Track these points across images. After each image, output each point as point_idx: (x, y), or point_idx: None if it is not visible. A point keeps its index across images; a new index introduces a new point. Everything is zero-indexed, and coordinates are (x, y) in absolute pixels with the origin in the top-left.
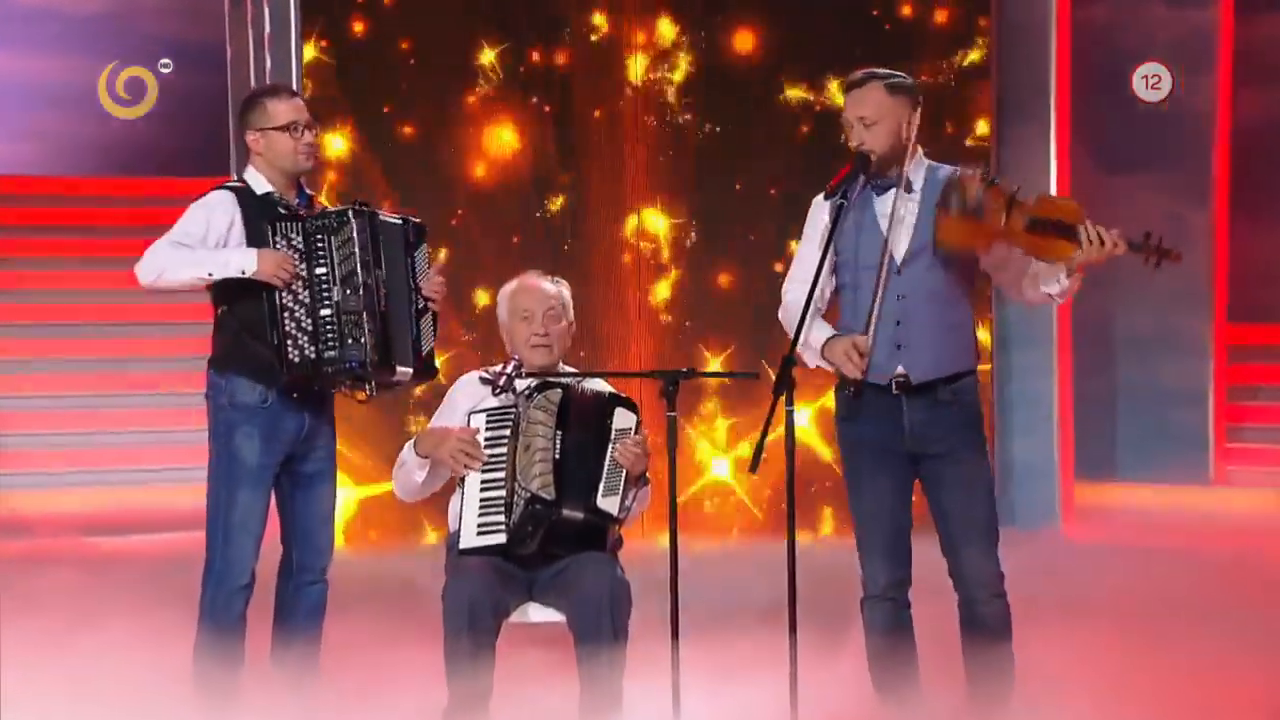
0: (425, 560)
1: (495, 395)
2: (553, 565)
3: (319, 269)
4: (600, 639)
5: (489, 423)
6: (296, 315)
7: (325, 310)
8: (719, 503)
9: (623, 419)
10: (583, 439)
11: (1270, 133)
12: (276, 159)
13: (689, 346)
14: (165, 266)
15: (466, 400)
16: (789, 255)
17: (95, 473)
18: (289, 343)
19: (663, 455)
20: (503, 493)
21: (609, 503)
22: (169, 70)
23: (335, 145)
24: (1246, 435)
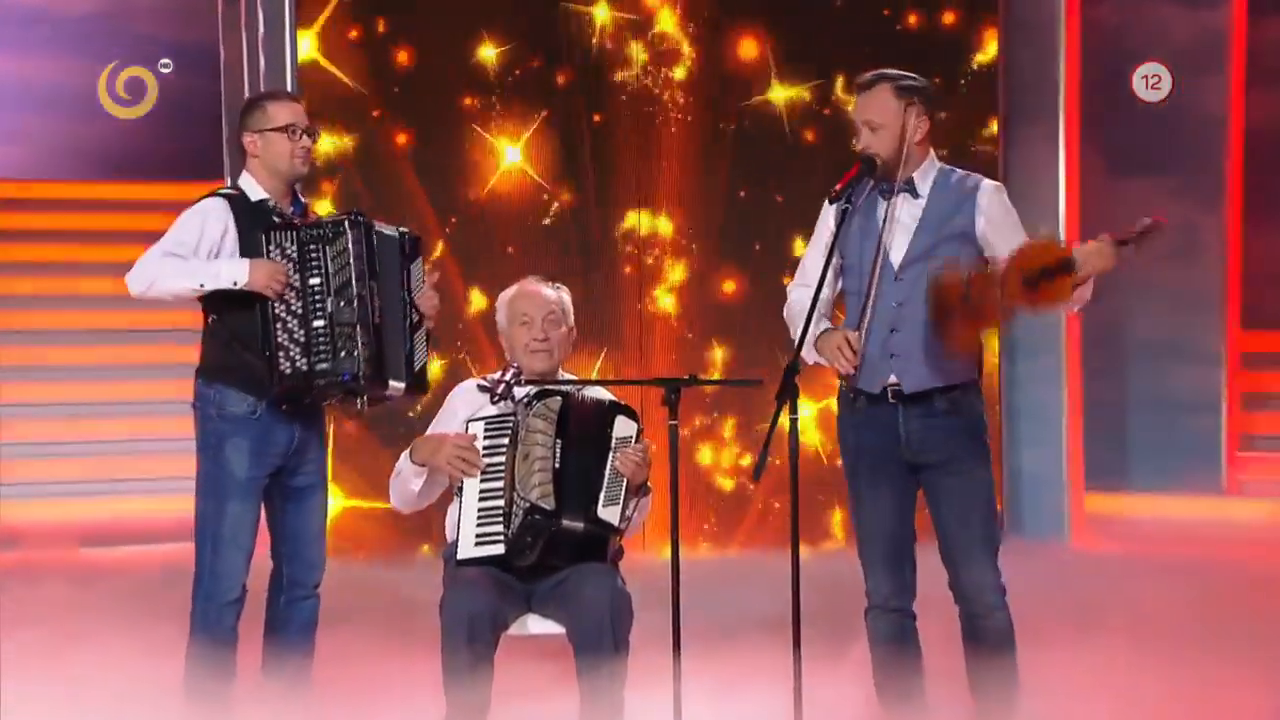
0: (420, 572)
1: (494, 403)
2: (552, 576)
3: (313, 279)
4: (601, 651)
5: (487, 431)
6: (289, 326)
7: (318, 321)
8: (722, 512)
9: (623, 427)
10: (583, 448)
11: None
12: (273, 161)
13: (693, 353)
14: (156, 277)
15: (464, 408)
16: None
17: (89, 482)
18: (281, 354)
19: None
20: (501, 502)
21: (609, 513)
22: (169, 70)
23: (330, 146)
24: (1260, 444)
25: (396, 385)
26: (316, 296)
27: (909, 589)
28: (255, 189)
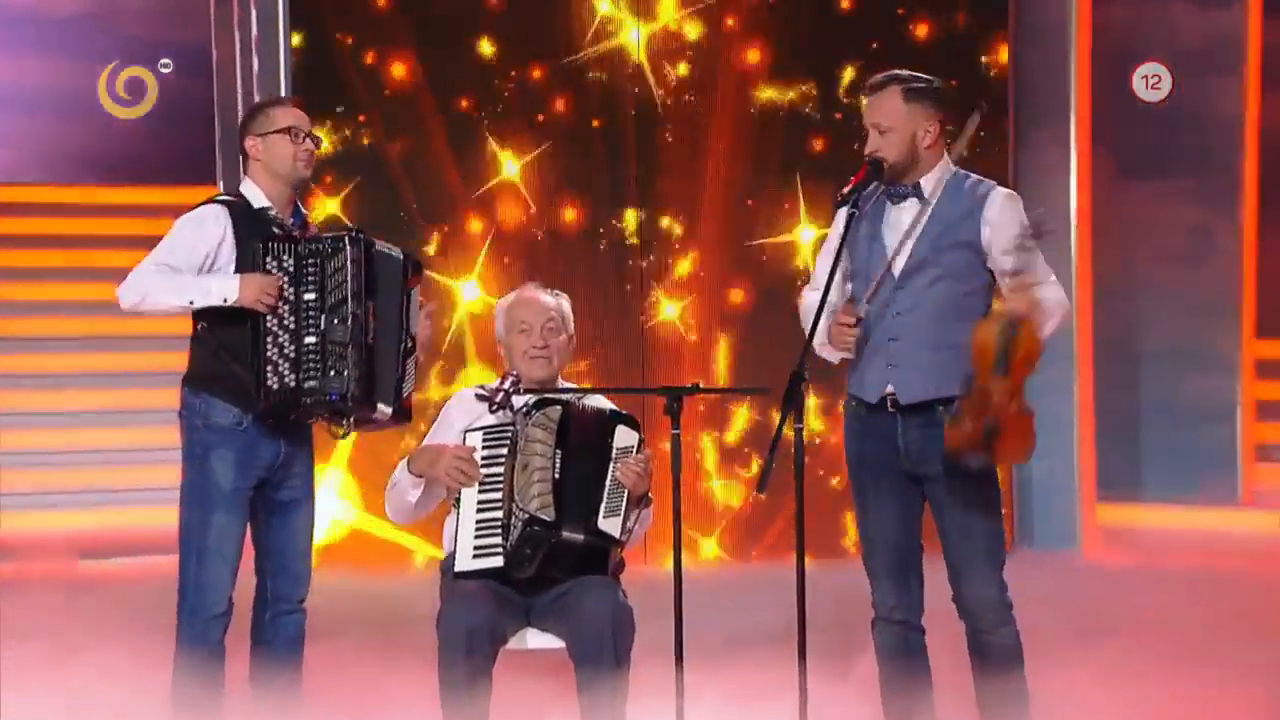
0: (413, 584)
1: (492, 412)
2: (552, 589)
3: (308, 294)
4: (602, 666)
5: (485, 441)
6: (280, 340)
7: (310, 338)
8: (726, 522)
9: (624, 437)
10: (583, 458)
11: None
12: (275, 164)
13: (697, 361)
14: (147, 292)
15: (462, 417)
16: (803, 269)
17: (86, 492)
18: (269, 368)
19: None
20: (500, 514)
21: (610, 524)
22: (169, 70)
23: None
24: (1276, 454)
25: (384, 409)
26: (310, 313)
27: (915, 602)
28: (257, 195)
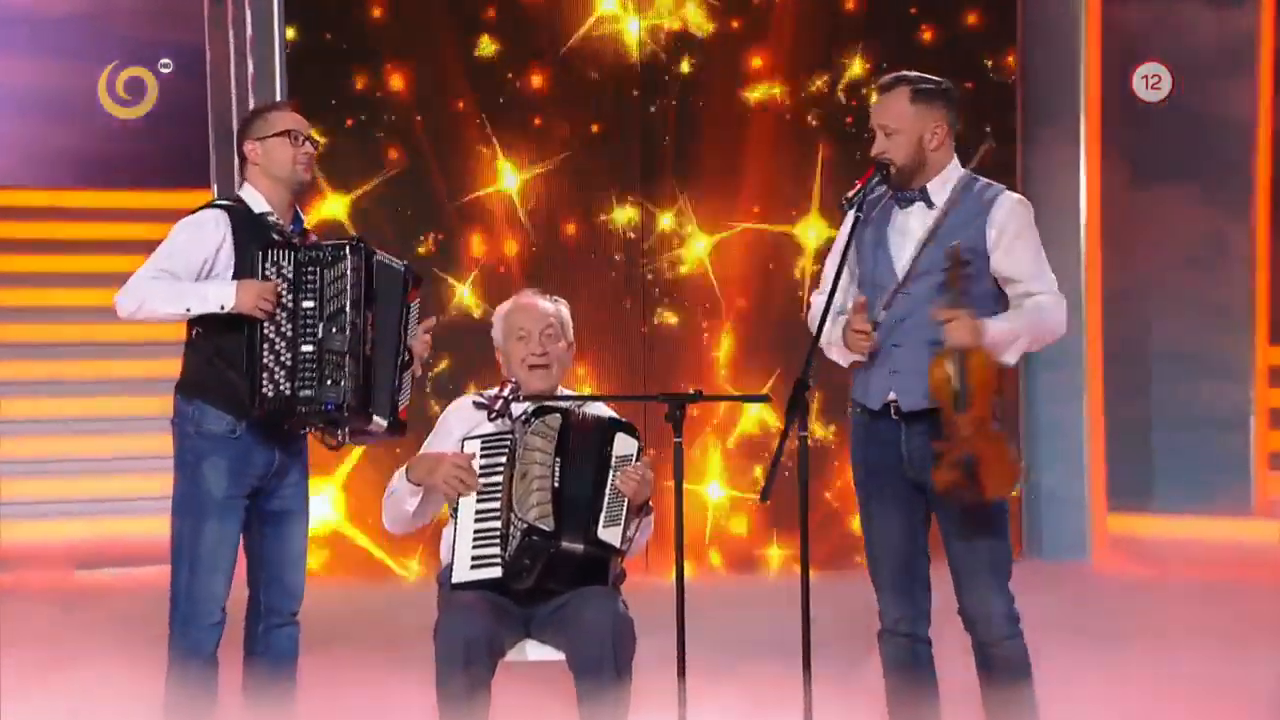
0: (408, 595)
1: (491, 420)
2: (551, 600)
3: (306, 302)
4: (602, 678)
5: (484, 449)
6: (276, 348)
7: (307, 346)
8: (729, 531)
9: (623, 445)
10: (582, 466)
11: None
12: (274, 168)
13: (701, 368)
14: (145, 299)
15: (460, 425)
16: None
17: (80, 502)
18: (264, 375)
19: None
20: (498, 524)
21: (610, 534)
22: (169, 70)
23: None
24: None
25: (380, 421)
26: (308, 321)
27: (922, 613)
28: (257, 200)
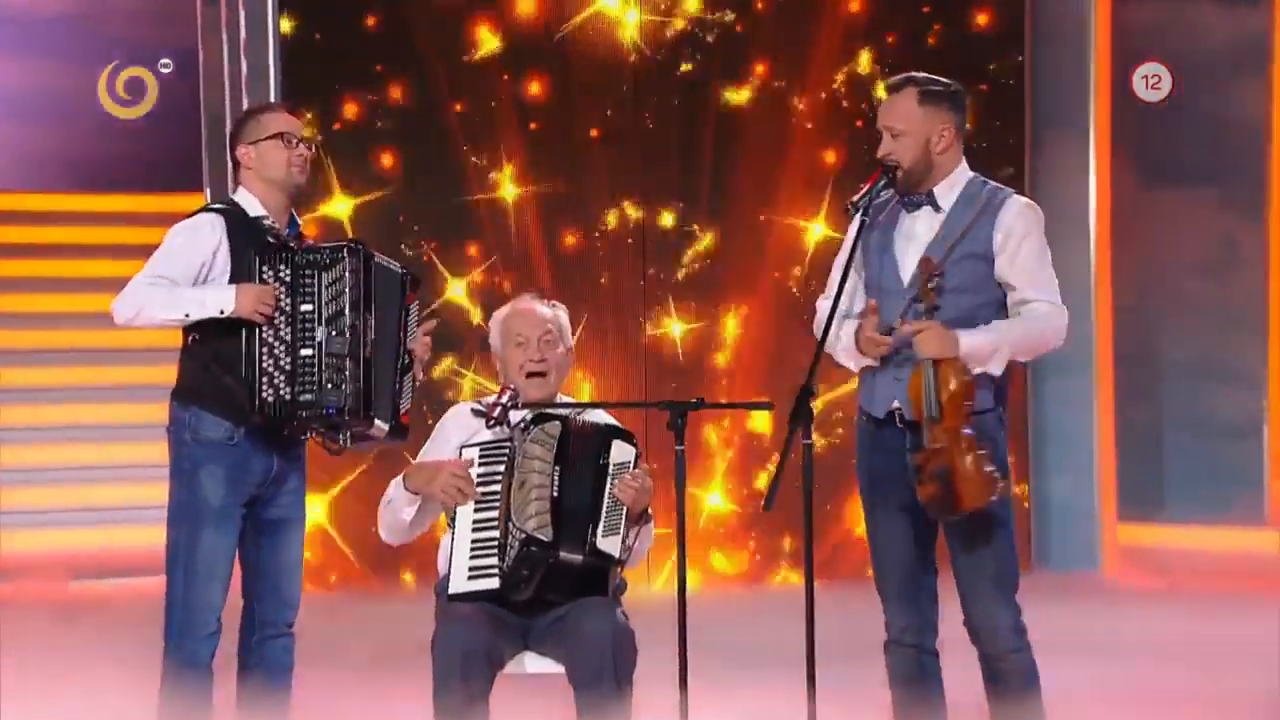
0: (404, 606)
1: (489, 427)
2: (550, 612)
3: (304, 305)
4: (602, 690)
5: (482, 457)
6: (275, 352)
7: (306, 350)
8: (732, 541)
9: (620, 452)
10: (581, 475)
11: None
12: (268, 171)
13: (703, 376)
14: (142, 306)
15: (458, 433)
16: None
17: (76, 511)
18: (264, 380)
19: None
20: (496, 533)
21: (609, 543)
22: (169, 70)
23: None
24: None
25: (381, 425)
26: (306, 324)
27: (928, 624)
28: (252, 204)
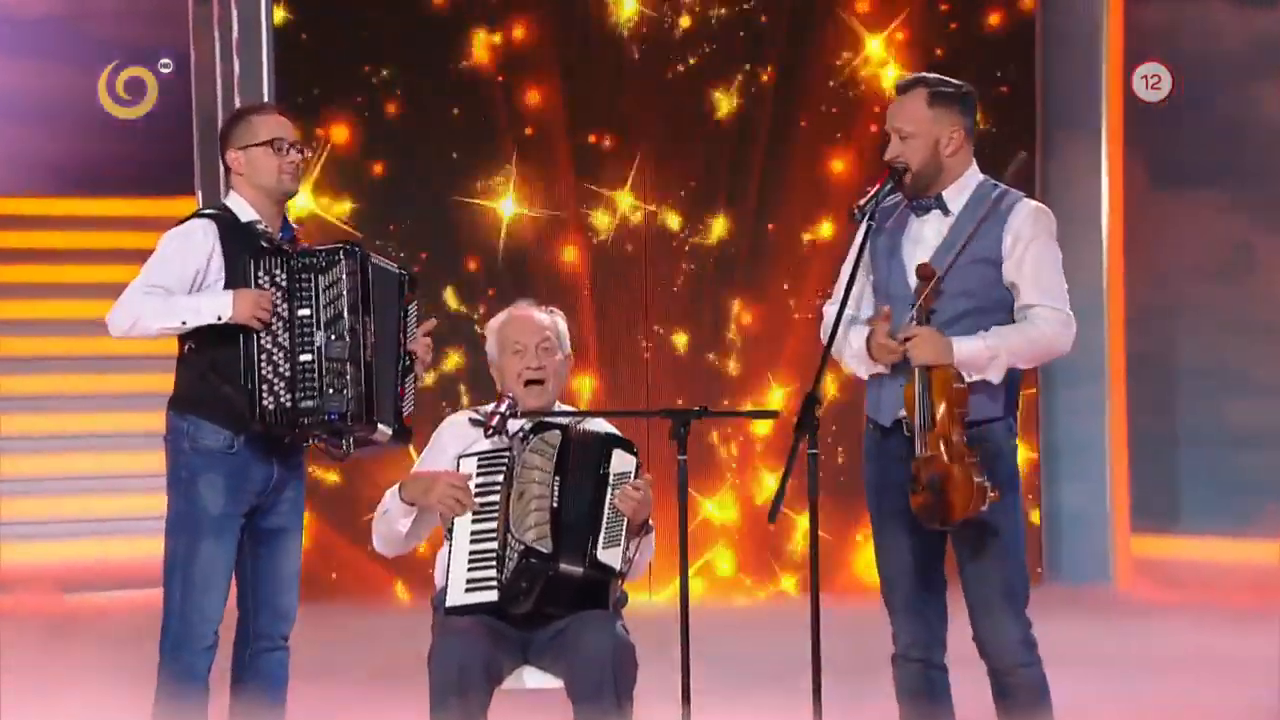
0: (402, 619)
1: (487, 437)
2: (550, 625)
3: (302, 310)
4: (602, 705)
5: (480, 468)
6: (274, 359)
7: (306, 355)
8: (734, 553)
9: (621, 462)
10: (581, 485)
11: None
12: (258, 178)
13: (708, 383)
14: (138, 316)
15: (455, 442)
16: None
17: (70, 522)
18: (264, 388)
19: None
20: (494, 545)
21: (610, 555)
22: (169, 70)
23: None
24: None
25: (384, 430)
26: (305, 329)
27: (936, 637)
28: (244, 208)
